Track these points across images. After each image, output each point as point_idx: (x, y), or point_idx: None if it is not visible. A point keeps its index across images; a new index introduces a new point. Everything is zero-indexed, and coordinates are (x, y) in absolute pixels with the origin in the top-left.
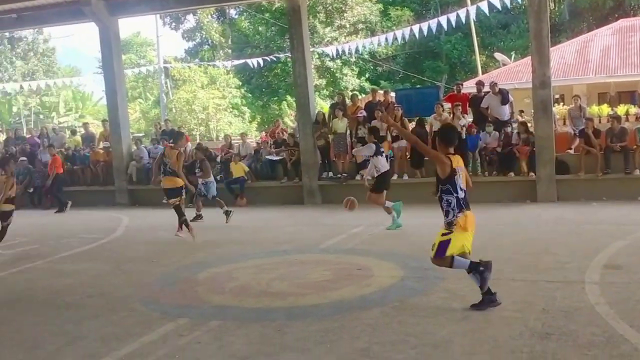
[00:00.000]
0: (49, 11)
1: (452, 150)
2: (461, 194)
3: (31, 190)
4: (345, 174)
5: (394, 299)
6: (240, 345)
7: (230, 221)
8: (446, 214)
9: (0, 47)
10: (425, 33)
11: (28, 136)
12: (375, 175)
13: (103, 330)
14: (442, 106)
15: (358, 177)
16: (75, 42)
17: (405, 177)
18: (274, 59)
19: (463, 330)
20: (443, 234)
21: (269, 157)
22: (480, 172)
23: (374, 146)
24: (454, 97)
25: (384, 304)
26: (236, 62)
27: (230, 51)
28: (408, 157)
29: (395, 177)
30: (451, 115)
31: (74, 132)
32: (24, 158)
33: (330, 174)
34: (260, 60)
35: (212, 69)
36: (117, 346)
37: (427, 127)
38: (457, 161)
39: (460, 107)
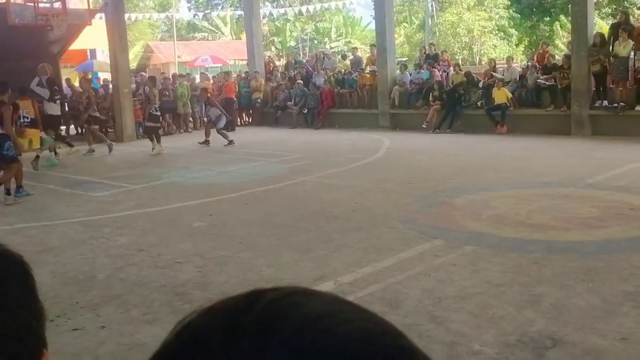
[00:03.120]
0: None
1: None
2: None
3: (305, 111)
4: (622, 104)
5: None
6: (495, 272)
7: (486, 149)
8: None
9: None
10: None
11: (306, 60)
12: None
13: (365, 242)
14: None
15: (638, 108)
16: None
17: None
18: None
19: None
20: None
21: (539, 81)
22: None
23: None
24: None
25: None
26: None
27: None
28: None
29: None
30: None
31: (344, 57)
32: (300, 81)
33: (605, 102)
34: None
35: None
36: (377, 258)
37: None
38: None
39: None
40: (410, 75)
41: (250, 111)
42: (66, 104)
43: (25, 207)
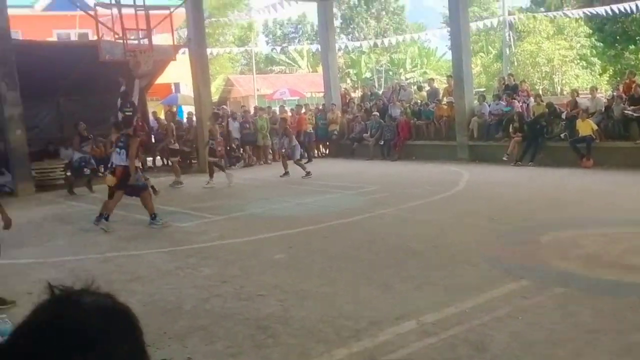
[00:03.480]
0: None
1: None
2: None
3: (381, 142)
4: None
5: None
6: (587, 317)
7: (572, 183)
8: None
9: (357, 9)
10: None
11: (381, 91)
12: None
13: (447, 280)
14: None
15: None
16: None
17: None
18: (629, 8)
19: None
20: None
21: (627, 112)
22: None
23: None
24: None
25: None
26: (586, 10)
27: None
28: None
29: None
30: None
31: (419, 88)
32: (376, 113)
33: None
34: (613, 8)
35: (560, 18)
36: (460, 297)
37: None
38: None
39: None
40: (489, 106)
41: (327, 143)
42: (152, 136)
43: (115, 236)
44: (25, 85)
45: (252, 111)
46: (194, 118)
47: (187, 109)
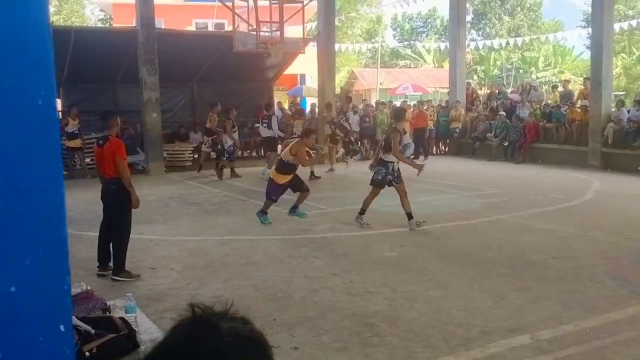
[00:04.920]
0: None
1: None
2: None
3: (506, 143)
4: None
5: None
6: None
7: None
8: None
9: (491, 4)
10: None
11: (510, 91)
12: None
13: (566, 296)
14: None
15: None
16: None
17: None
18: None
19: None
20: None
21: None
22: None
23: None
24: None
25: None
26: None
27: None
28: None
29: None
30: None
31: (553, 87)
32: (503, 112)
33: None
34: None
35: None
36: (579, 315)
37: None
38: None
39: None
40: (628, 112)
41: (447, 141)
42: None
43: (235, 221)
44: (163, 71)
45: (373, 105)
46: (317, 109)
47: (311, 100)
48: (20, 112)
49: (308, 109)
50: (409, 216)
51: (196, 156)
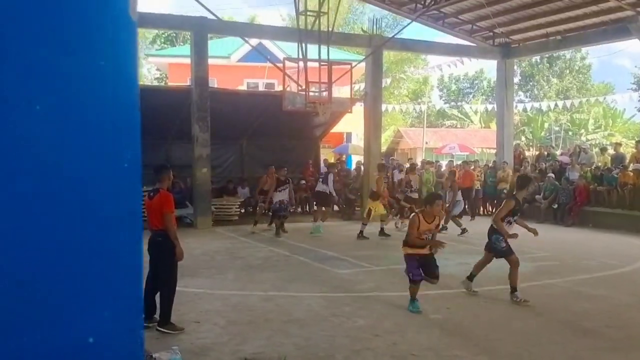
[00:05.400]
0: (592, 31)
1: None
2: None
3: (555, 206)
4: None
5: None
6: None
7: None
8: None
9: (539, 66)
10: None
11: (560, 153)
12: None
13: None
14: None
15: None
16: (612, 58)
17: None
18: None
19: None
20: None
21: None
22: None
23: None
24: None
25: None
26: None
27: None
28: None
29: None
30: None
31: (603, 150)
32: (552, 174)
33: None
34: None
35: None
36: None
37: None
38: None
39: None
40: None
41: (495, 202)
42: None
43: (279, 276)
44: (214, 128)
45: (419, 164)
46: (362, 167)
47: (356, 158)
48: (107, 174)
49: (353, 167)
50: (513, 289)
51: (243, 210)
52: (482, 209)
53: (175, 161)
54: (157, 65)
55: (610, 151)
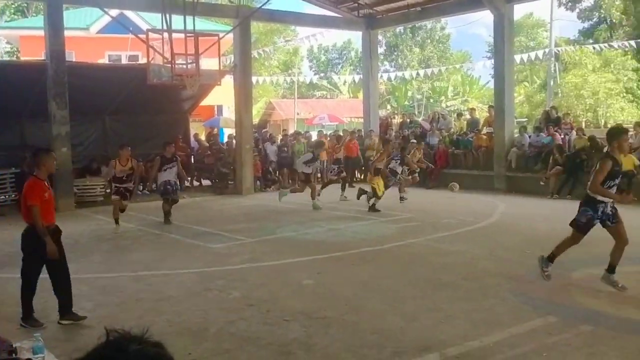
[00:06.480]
0: (449, 2)
1: None
2: None
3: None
4: None
5: None
6: (613, 357)
7: None
8: None
9: (402, 36)
10: None
11: (421, 119)
12: None
13: (474, 314)
14: None
15: None
16: (469, 27)
17: None
18: None
19: None
20: None
21: None
22: None
23: None
24: None
25: None
26: (636, 41)
27: (631, 29)
28: None
29: None
30: None
31: (459, 115)
32: (414, 140)
33: None
34: None
35: (607, 51)
36: (485, 332)
37: None
38: None
39: None
40: (529, 137)
41: (363, 168)
42: (192, 156)
43: (148, 255)
44: (74, 104)
45: (291, 136)
46: (234, 141)
47: (228, 131)
48: None
49: (225, 139)
50: (611, 269)
51: (108, 191)
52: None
53: (31, 141)
54: (7, 38)
55: (467, 116)
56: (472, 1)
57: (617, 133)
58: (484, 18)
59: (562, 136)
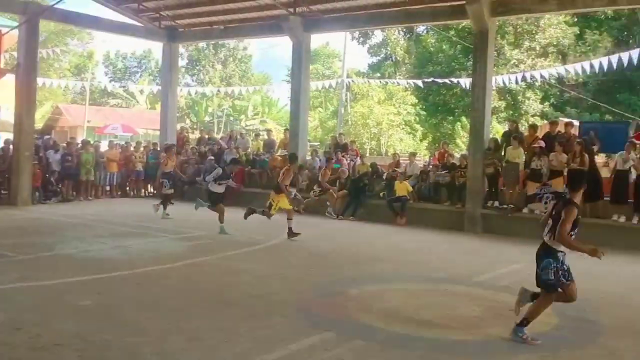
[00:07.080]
0: (251, 24)
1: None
2: None
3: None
4: (512, 205)
5: (544, 348)
6: None
7: (386, 239)
8: None
9: (205, 52)
10: (625, 64)
11: (220, 137)
12: None
13: (257, 332)
14: (635, 145)
15: (525, 210)
16: (272, 50)
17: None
18: (452, 82)
19: None
20: None
21: (438, 177)
22: None
23: None
24: None
25: (533, 351)
26: (416, 81)
27: (412, 67)
28: None
29: None
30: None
31: (257, 135)
32: (212, 157)
33: (496, 203)
34: (437, 80)
35: (391, 85)
36: (267, 349)
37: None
38: None
39: None
40: (319, 161)
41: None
42: None
43: None
44: None
45: (80, 144)
46: (11, 147)
47: (5, 135)
48: None
49: (0, 144)
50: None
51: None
52: (143, 190)
53: None
54: None
55: (265, 137)
56: (273, 26)
57: (581, 179)
58: (286, 42)
59: (348, 162)
